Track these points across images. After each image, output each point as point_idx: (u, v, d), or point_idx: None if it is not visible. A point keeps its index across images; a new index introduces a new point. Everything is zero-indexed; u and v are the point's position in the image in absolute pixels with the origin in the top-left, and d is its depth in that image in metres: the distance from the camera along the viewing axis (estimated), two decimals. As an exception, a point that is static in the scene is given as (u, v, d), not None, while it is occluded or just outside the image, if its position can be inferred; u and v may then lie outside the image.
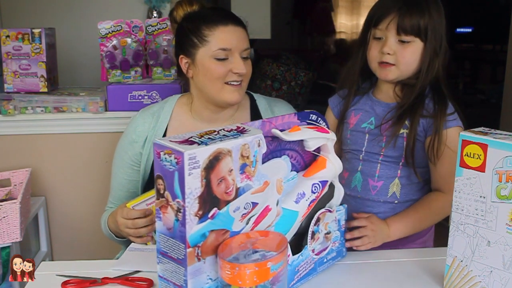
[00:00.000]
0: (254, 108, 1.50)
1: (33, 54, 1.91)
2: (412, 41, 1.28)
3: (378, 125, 1.34)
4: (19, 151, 1.98)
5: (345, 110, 1.42)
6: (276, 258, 0.91)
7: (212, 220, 0.91)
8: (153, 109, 1.48)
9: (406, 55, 1.29)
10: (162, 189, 0.89)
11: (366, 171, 1.36)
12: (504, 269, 0.99)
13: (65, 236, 2.10)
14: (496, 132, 1.01)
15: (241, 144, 0.93)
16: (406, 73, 1.31)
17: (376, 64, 1.32)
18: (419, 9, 1.28)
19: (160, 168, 0.88)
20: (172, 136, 0.91)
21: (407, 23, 1.27)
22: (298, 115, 1.11)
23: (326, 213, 1.14)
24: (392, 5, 1.29)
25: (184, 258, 0.89)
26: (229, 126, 0.98)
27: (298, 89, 3.83)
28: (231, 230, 0.96)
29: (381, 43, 1.31)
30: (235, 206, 0.95)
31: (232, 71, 1.34)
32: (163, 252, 0.93)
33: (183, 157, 0.84)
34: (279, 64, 3.84)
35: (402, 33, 1.27)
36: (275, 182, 1.03)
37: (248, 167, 0.95)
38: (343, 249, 1.22)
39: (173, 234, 0.90)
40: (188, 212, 0.87)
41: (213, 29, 1.33)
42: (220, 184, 0.91)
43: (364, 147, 1.37)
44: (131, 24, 1.97)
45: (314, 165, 1.12)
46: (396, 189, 1.35)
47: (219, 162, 0.89)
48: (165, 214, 0.90)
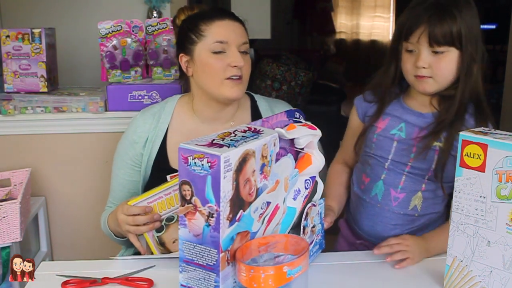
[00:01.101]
0: (255, 108, 1.50)
1: (33, 54, 1.91)
2: (446, 51, 1.21)
3: (410, 134, 1.28)
4: (19, 151, 1.98)
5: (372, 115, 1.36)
6: (294, 263, 0.89)
7: (238, 222, 0.90)
8: (154, 109, 1.48)
9: (442, 66, 1.22)
10: (189, 195, 0.86)
11: (390, 181, 1.32)
12: (504, 269, 0.99)
13: (65, 236, 2.09)
14: (496, 132, 1.01)
15: (262, 144, 0.92)
16: (445, 84, 1.25)
17: (413, 77, 1.26)
18: (450, 15, 1.20)
19: (187, 174, 0.86)
20: (194, 140, 0.88)
21: (439, 33, 1.19)
22: (286, 113, 1.12)
23: (312, 207, 1.15)
24: (421, 16, 1.22)
25: (216, 264, 0.88)
26: (241, 127, 0.98)
27: (298, 89, 3.83)
28: (251, 231, 0.95)
29: (414, 56, 1.24)
30: (255, 206, 0.94)
31: (230, 64, 1.34)
32: (188, 260, 0.90)
33: (219, 160, 0.82)
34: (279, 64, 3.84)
35: (435, 44, 1.20)
36: (283, 180, 1.03)
37: (266, 167, 0.95)
38: (323, 241, 1.23)
39: (202, 240, 0.88)
40: (222, 217, 0.85)
41: (209, 24, 1.35)
42: (246, 185, 0.90)
43: (390, 155, 1.31)
44: (131, 24, 1.97)
45: (301, 161, 1.12)
46: (418, 202, 1.31)
47: (246, 163, 0.88)
48: (192, 220, 0.88)
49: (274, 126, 1.05)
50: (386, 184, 1.32)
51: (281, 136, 1.02)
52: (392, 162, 1.31)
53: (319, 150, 1.43)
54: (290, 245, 0.97)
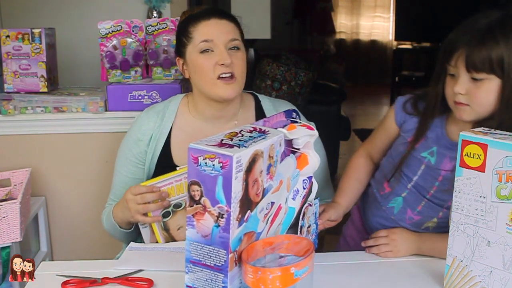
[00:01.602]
0: (259, 108, 1.51)
1: (33, 54, 1.91)
2: (486, 79, 1.11)
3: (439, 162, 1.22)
4: (19, 151, 1.98)
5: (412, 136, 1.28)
6: (300, 264, 0.89)
7: (246, 223, 0.90)
8: (158, 108, 1.50)
9: (480, 95, 1.12)
10: (198, 195, 0.86)
11: (409, 202, 1.29)
12: (504, 269, 0.99)
13: (65, 236, 2.09)
14: (496, 132, 1.01)
15: (270, 144, 0.92)
16: (483, 113, 1.15)
17: (452, 103, 1.18)
18: (493, 39, 1.09)
19: (197, 174, 0.85)
20: (203, 140, 0.88)
21: (477, 58, 1.09)
22: (285, 113, 1.12)
23: (308, 207, 1.15)
24: (460, 37, 1.13)
25: (224, 265, 0.87)
26: (246, 127, 0.97)
27: (298, 89, 3.82)
28: (256, 231, 0.95)
29: (454, 81, 1.16)
30: (261, 207, 0.94)
31: (218, 62, 1.35)
32: (195, 260, 0.90)
33: (231, 160, 0.81)
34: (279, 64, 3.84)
35: (472, 70, 1.11)
36: (286, 180, 1.03)
37: (272, 167, 0.95)
38: (316, 240, 1.23)
39: (210, 241, 0.87)
40: (232, 217, 0.85)
41: (196, 25, 1.38)
42: (254, 186, 0.89)
43: (415, 177, 1.27)
44: (131, 24, 1.97)
45: (298, 162, 1.12)
46: (431, 225, 1.29)
47: (255, 164, 0.88)
48: (200, 221, 0.87)
49: (275, 126, 1.05)
50: (405, 202, 1.30)
51: (284, 136, 1.02)
52: (416, 185, 1.27)
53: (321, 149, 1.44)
54: (293, 246, 0.97)
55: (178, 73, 1.94)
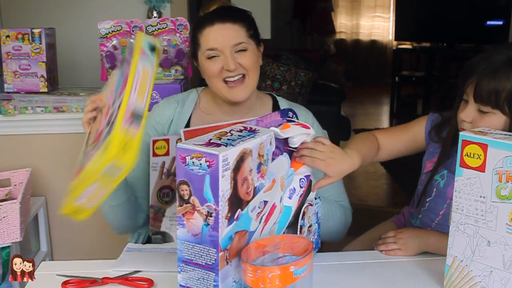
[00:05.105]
0: (277, 109, 1.50)
1: (33, 54, 1.91)
2: (491, 113, 1.10)
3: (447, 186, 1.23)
4: (19, 151, 1.98)
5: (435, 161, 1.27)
6: (300, 262, 0.89)
7: (237, 221, 0.91)
8: (178, 97, 1.51)
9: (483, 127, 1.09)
10: (187, 194, 0.87)
11: (422, 225, 1.32)
12: (504, 269, 0.99)
13: (65, 236, 2.09)
14: (496, 132, 1.01)
15: (259, 143, 0.93)
16: None
17: (460, 128, 1.17)
18: (503, 74, 1.06)
19: (185, 173, 0.86)
20: (191, 139, 0.89)
21: (485, 90, 1.08)
22: (280, 113, 1.12)
23: (308, 207, 1.15)
24: (478, 65, 1.11)
25: (215, 263, 0.88)
26: (237, 127, 0.98)
27: (298, 89, 3.82)
28: (249, 230, 0.95)
29: (465, 106, 1.15)
30: (253, 206, 0.95)
31: (224, 68, 1.35)
32: (187, 260, 0.90)
33: (217, 159, 0.82)
34: (279, 64, 3.84)
35: (479, 101, 1.10)
36: (280, 179, 1.03)
37: (263, 165, 0.96)
38: (319, 240, 1.23)
39: (200, 240, 0.88)
40: (221, 215, 0.86)
41: (201, 32, 1.38)
42: (243, 184, 0.90)
43: (429, 199, 1.28)
44: (131, 24, 1.97)
45: (295, 160, 1.12)
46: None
47: (243, 162, 0.89)
48: (190, 220, 0.88)
49: (269, 125, 1.05)
50: (420, 225, 1.34)
51: (276, 135, 1.02)
52: (429, 207, 1.29)
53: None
54: (291, 245, 0.97)
55: (178, 73, 1.94)
